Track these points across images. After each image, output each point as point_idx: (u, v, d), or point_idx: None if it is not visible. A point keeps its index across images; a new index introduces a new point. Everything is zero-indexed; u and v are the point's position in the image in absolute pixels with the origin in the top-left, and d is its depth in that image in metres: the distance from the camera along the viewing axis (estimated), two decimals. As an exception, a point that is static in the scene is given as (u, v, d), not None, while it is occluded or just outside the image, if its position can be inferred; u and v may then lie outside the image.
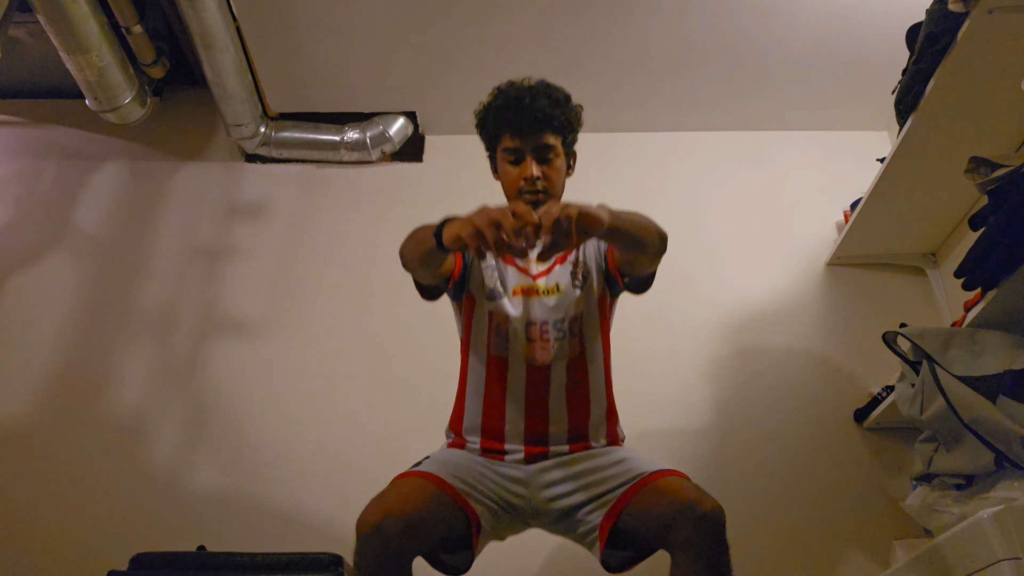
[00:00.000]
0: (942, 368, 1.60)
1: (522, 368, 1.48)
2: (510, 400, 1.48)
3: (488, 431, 1.48)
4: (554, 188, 1.54)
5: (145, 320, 2.54)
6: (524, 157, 1.53)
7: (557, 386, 1.48)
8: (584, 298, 1.53)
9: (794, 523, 2.17)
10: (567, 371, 1.49)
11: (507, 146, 1.55)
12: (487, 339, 1.52)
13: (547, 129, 1.52)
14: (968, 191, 2.06)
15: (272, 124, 2.82)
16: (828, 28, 2.44)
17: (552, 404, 1.47)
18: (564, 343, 1.49)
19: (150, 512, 2.22)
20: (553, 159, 1.54)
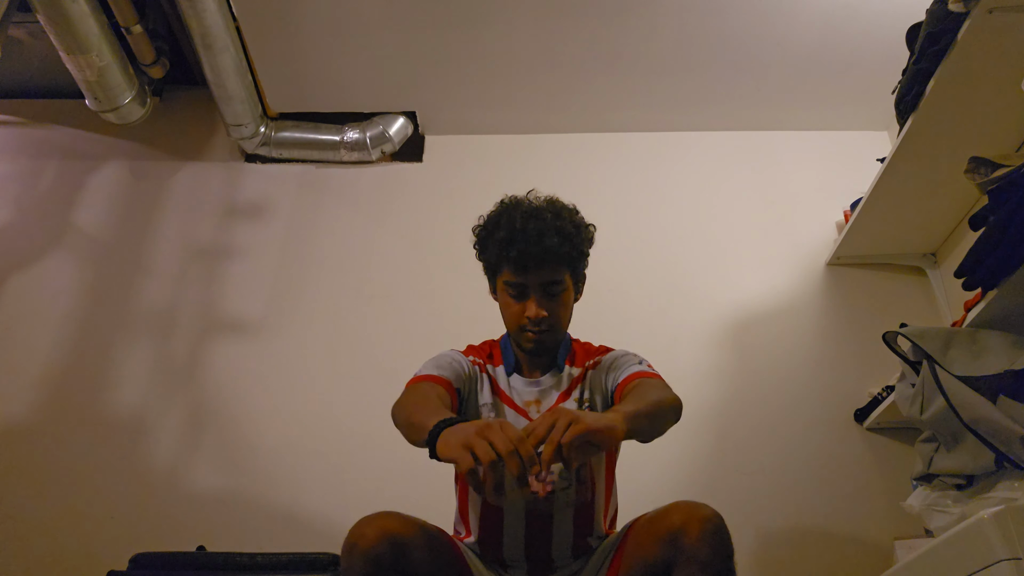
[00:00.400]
0: (942, 368, 1.60)
1: (521, 520, 1.39)
2: (508, 546, 1.41)
3: (490, 558, 1.44)
4: (559, 324, 1.45)
5: (145, 320, 2.54)
6: (528, 294, 1.42)
7: (562, 534, 1.40)
8: None
9: (794, 523, 2.17)
10: (574, 521, 1.40)
11: (509, 280, 1.43)
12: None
13: (555, 267, 1.41)
14: (968, 191, 2.06)
15: (272, 124, 2.82)
16: (828, 28, 2.44)
17: (555, 549, 1.40)
18: (571, 492, 1.39)
19: (150, 512, 2.22)
20: (560, 293, 1.43)
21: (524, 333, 1.43)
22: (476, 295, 2.03)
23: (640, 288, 2.54)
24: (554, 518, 1.39)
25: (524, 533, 1.40)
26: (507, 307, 1.46)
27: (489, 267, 1.51)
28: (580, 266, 1.48)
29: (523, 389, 1.48)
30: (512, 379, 1.50)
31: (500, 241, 1.42)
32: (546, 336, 1.43)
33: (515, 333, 1.46)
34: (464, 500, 1.49)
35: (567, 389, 1.48)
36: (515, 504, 1.39)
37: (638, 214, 2.67)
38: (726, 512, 1.21)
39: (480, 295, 1.93)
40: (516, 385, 1.50)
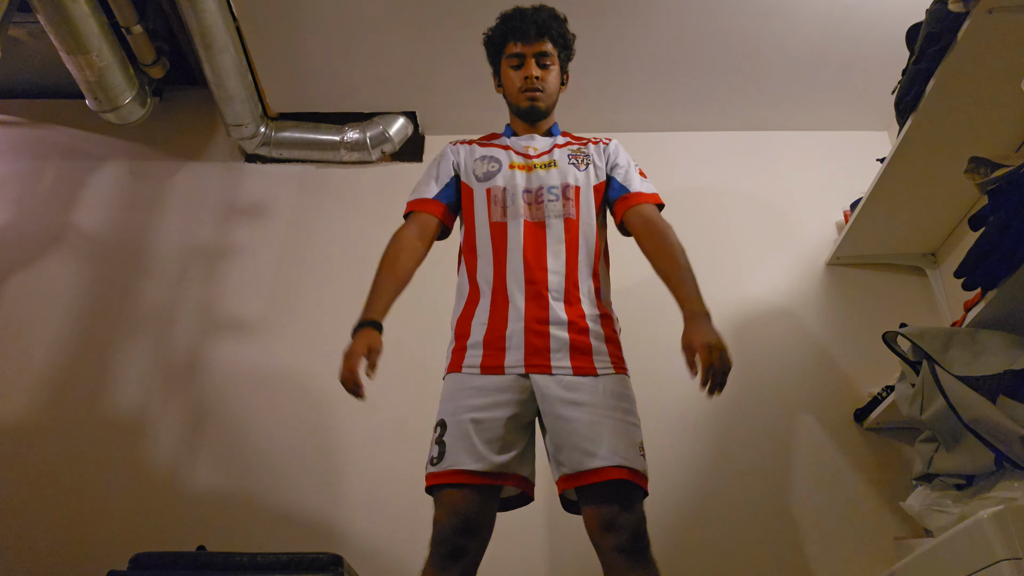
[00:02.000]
0: (942, 368, 1.60)
1: (520, 227, 1.59)
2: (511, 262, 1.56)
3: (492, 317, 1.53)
4: (549, 90, 1.73)
5: (145, 320, 2.54)
6: (525, 61, 1.70)
7: (555, 242, 1.59)
8: (582, 177, 1.67)
9: (794, 523, 2.17)
10: (564, 231, 1.60)
11: (511, 52, 1.72)
12: (487, 212, 1.64)
13: (546, 36, 1.70)
14: (968, 191, 2.06)
15: (272, 124, 2.82)
16: (828, 28, 2.44)
17: (550, 262, 1.56)
18: (557, 204, 1.62)
19: (150, 512, 2.22)
20: (550, 66, 1.72)
21: (522, 94, 1.71)
22: (476, 295, 2.04)
23: (640, 288, 2.54)
24: (547, 228, 1.60)
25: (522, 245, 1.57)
26: (508, 78, 1.74)
27: (496, 52, 1.78)
28: (565, 54, 1.77)
29: (522, 142, 1.75)
30: (511, 140, 1.77)
31: (505, 17, 1.75)
32: (540, 97, 1.71)
33: (515, 97, 1.73)
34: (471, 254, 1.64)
35: (562, 144, 1.74)
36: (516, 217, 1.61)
37: (638, 214, 2.67)
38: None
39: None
40: (515, 141, 1.76)
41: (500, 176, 1.67)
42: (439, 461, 1.41)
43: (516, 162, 1.69)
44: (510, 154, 1.71)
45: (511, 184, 1.65)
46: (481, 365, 1.49)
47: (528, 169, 1.68)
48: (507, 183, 1.66)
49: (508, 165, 1.69)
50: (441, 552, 1.35)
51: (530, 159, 1.70)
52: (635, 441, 1.43)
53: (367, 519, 2.18)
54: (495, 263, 1.59)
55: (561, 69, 1.77)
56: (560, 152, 1.71)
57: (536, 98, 1.71)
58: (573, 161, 1.70)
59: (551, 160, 1.69)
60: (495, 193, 1.65)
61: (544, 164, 1.69)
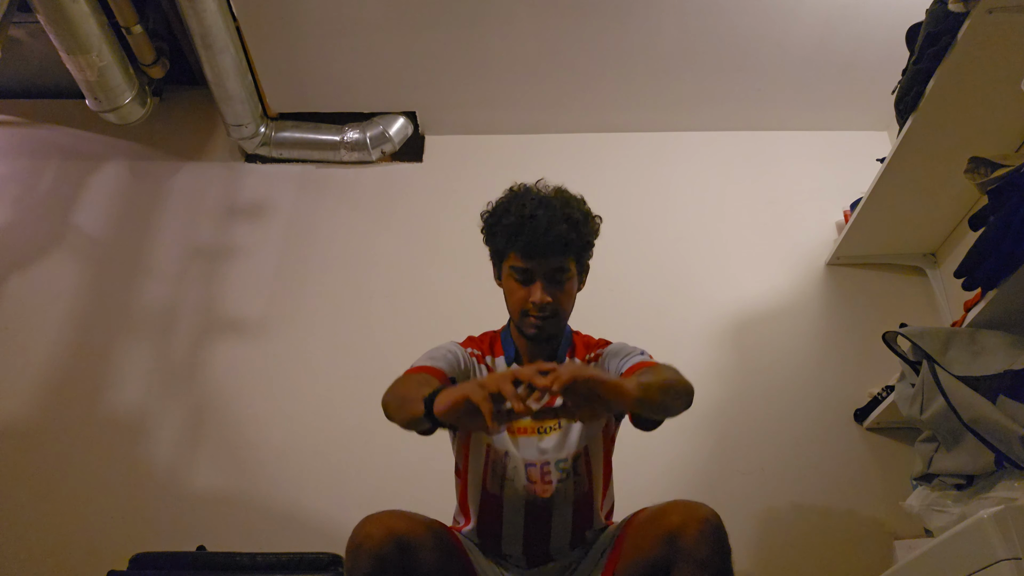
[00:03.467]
0: (942, 368, 1.60)
1: (520, 512, 1.41)
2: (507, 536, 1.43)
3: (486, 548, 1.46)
4: (563, 311, 1.47)
5: (145, 320, 2.54)
6: (534, 280, 1.43)
7: (560, 526, 1.42)
8: (589, 432, 1.45)
9: (794, 523, 2.17)
10: (573, 513, 1.42)
11: (515, 265, 1.45)
12: (482, 475, 1.45)
13: (562, 255, 1.43)
14: (968, 191, 2.06)
15: (272, 124, 2.82)
16: (828, 28, 2.44)
17: (553, 541, 1.43)
18: (569, 484, 1.41)
19: (150, 512, 2.22)
20: (565, 282, 1.45)
21: (527, 319, 1.45)
22: (476, 294, 2.04)
23: (640, 288, 2.54)
24: (553, 512, 1.41)
25: (523, 525, 1.41)
26: (512, 292, 1.47)
27: (496, 252, 1.52)
28: (585, 255, 1.50)
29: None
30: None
31: (509, 227, 1.43)
32: (549, 323, 1.44)
33: (518, 319, 1.48)
34: (464, 492, 1.50)
35: None
36: (515, 496, 1.41)
37: (638, 214, 2.67)
38: (726, 512, 1.21)
39: (480, 295, 1.94)
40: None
41: (502, 438, 1.43)
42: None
43: (517, 424, 1.44)
44: None
45: (512, 454, 1.42)
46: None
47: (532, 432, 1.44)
48: (509, 451, 1.42)
49: (508, 429, 1.44)
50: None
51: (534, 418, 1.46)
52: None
53: (367, 519, 2.18)
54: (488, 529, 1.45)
55: (580, 271, 1.50)
56: None
57: (544, 327, 1.44)
58: None
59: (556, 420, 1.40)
60: (495, 458, 1.43)
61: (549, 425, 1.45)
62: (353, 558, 1.16)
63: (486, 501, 1.44)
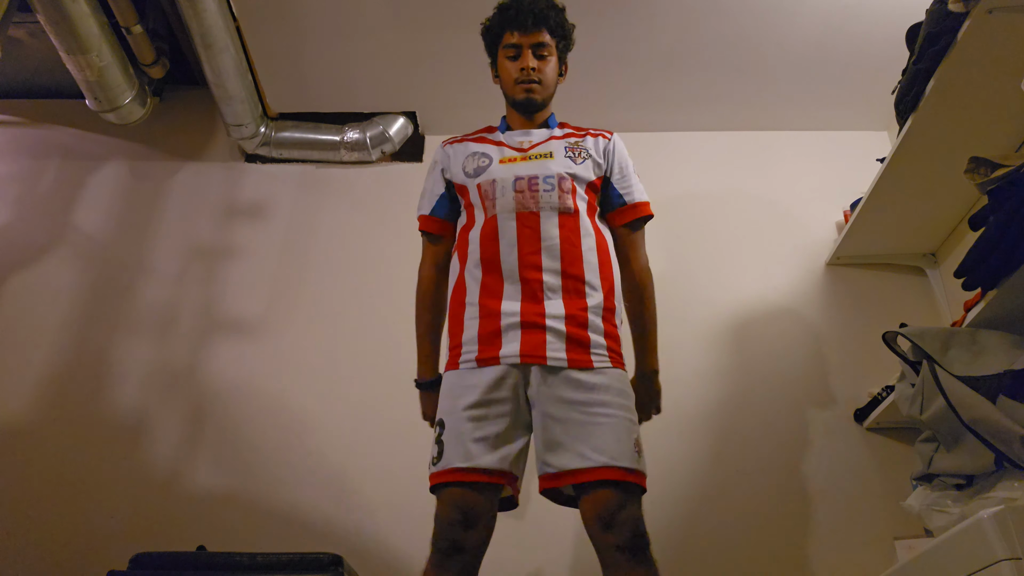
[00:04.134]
0: (942, 368, 1.60)
1: (512, 219, 1.56)
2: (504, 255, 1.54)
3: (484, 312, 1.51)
4: (547, 81, 1.70)
5: (145, 320, 2.54)
6: (522, 52, 1.68)
7: (549, 237, 1.55)
8: (579, 170, 1.64)
9: (794, 523, 2.17)
10: (560, 226, 1.56)
11: (508, 42, 1.70)
12: (480, 208, 1.62)
13: (543, 26, 1.68)
14: (968, 191, 2.06)
15: (272, 124, 2.82)
16: (828, 28, 2.44)
17: (545, 256, 1.53)
18: (553, 195, 1.58)
19: (150, 512, 2.22)
20: (547, 56, 1.70)
21: (518, 86, 1.68)
22: (476, 295, 2.03)
23: (640, 288, 2.54)
24: (541, 218, 1.57)
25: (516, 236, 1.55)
26: (505, 69, 1.71)
27: (493, 43, 1.75)
28: (563, 43, 1.74)
29: (516, 137, 1.72)
30: (506, 135, 1.74)
31: (502, 7, 1.71)
32: (536, 89, 1.68)
33: (511, 89, 1.70)
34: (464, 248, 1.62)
35: (559, 135, 1.71)
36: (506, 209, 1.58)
37: (638, 214, 2.67)
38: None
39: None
40: (509, 136, 1.73)
41: (490, 170, 1.64)
42: (438, 460, 1.42)
43: (508, 156, 1.67)
44: (502, 149, 1.69)
45: (501, 178, 1.62)
46: (477, 358, 1.48)
47: (522, 160, 1.65)
48: (497, 177, 1.62)
49: (499, 160, 1.66)
50: (440, 548, 1.35)
51: (524, 151, 1.67)
52: (631, 438, 1.41)
53: (367, 519, 2.18)
54: (488, 260, 1.56)
55: (559, 60, 1.75)
56: (557, 144, 1.68)
57: (532, 90, 1.68)
58: (570, 154, 1.66)
59: (547, 151, 1.66)
60: (485, 188, 1.62)
61: (539, 155, 1.66)
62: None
63: (484, 228, 1.59)
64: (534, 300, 1.50)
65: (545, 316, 1.48)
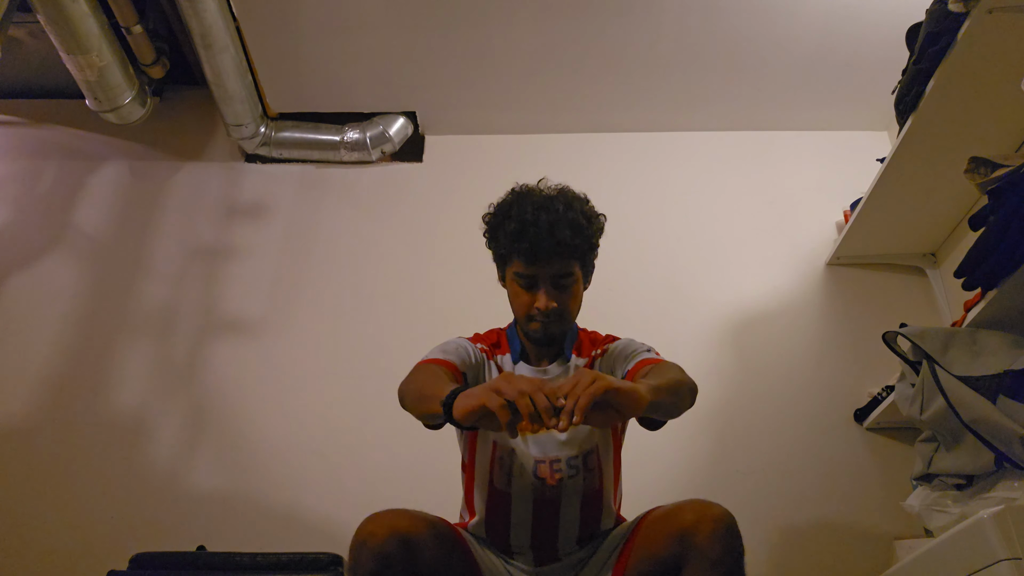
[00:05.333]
0: (942, 368, 1.60)
1: (528, 507, 1.40)
2: (515, 532, 1.42)
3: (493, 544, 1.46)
4: (568, 315, 1.45)
5: (145, 320, 2.54)
6: (538, 285, 1.41)
7: (568, 521, 1.41)
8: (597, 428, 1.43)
9: (794, 523, 2.17)
10: (581, 508, 1.41)
11: (519, 271, 1.43)
12: (489, 471, 1.43)
13: (566, 260, 1.41)
14: (968, 191, 2.06)
15: (272, 124, 2.82)
16: (828, 28, 2.44)
17: (562, 537, 1.42)
18: (579, 480, 1.41)
19: (150, 512, 2.22)
20: (571, 286, 1.43)
21: (532, 322, 1.43)
22: (477, 295, 2.04)
23: (640, 288, 2.54)
24: (561, 506, 1.40)
25: (531, 521, 1.40)
26: (516, 296, 1.45)
27: (499, 256, 1.50)
28: (590, 257, 1.49)
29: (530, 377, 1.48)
30: (518, 367, 1.50)
31: (511, 232, 1.41)
32: (554, 325, 1.43)
33: (523, 322, 1.46)
34: (471, 487, 1.49)
35: None
36: (523, 492, 1.40)
37: (638, 214, 2.67)
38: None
39: (481, 294, 1.94)
40: (523, 373, 1.49)
41: None
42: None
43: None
44: None
45: (521, 452, 1.41)
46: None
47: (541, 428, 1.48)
48: (515, 446, 1.41)
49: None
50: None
51: None
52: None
53: (367, 519, 2.18)
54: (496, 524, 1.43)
55: (586, 273, 1.49)
56: None
57: (550, 330, 1.43)
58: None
59: None
60: (501, 454, 1.42)
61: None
62: (356, 556, 1.17)
63: (493, 497, 1.43)
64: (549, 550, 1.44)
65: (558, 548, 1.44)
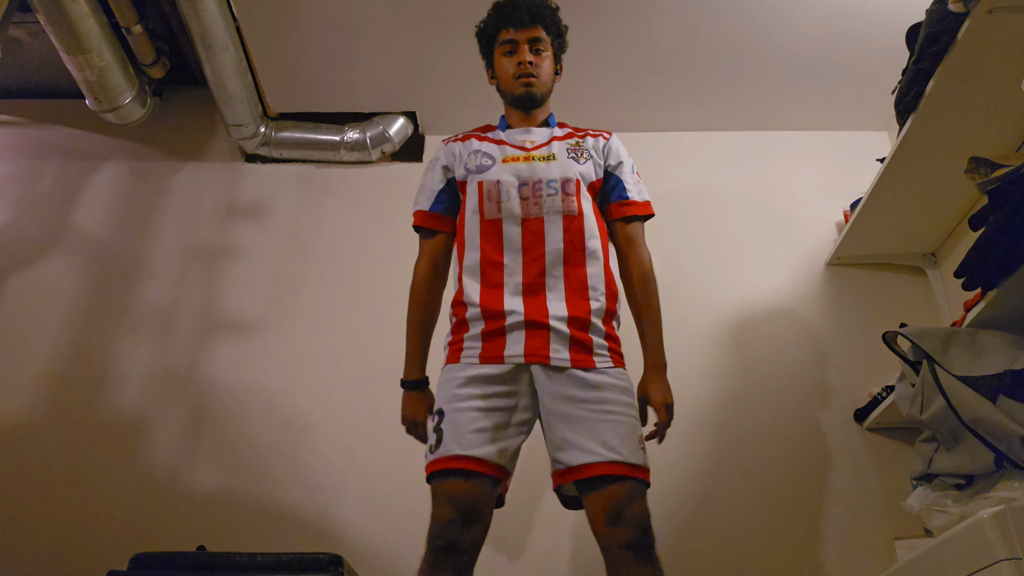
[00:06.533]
0: (942, 368, 1.60)
1: (516, 224, 1.57)
2: (508, 259, 1.55)
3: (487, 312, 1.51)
4: (544, 76, 1.71)
5: (145, 320, 2.54)
6: (518, 47, 1.69)
7: (553, 240, 1.55)
8: (582, 171, 1.65)
9: (794, 523, 2.17)
10: (564, 229, 1.56)
11: (504, 39, 1.71)
12: (479, 207, 1.61)
13: (539, 23, 1.70)
14: (968, 191, 2.06)
15: (272, 124, 2.82)
16: (828, 28, 2.44)
17: (549, 259, 1.54)
18: (557, 199, 1.58)
19: (150, 512, 2.22)
20: (543, 51, 1.71)
21: (516, 81, 1.69)
22: (476, 295, 2.03)
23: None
24: (545, 223, 1.57)
25: (520, 240, 1.56)
26: (502, 67, 1.72)
27: (488, 43, 1.76)
28: (557, 41, 1.75)
29: (517, 135, 1.71)
30: (506, 132, 1.74)
31: (497, 5, 1.74)
32: (534, 83, 1.69)
33: (509, 85, 1.71)
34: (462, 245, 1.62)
35: (561, 136, 1.71)
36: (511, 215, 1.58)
37: (638, 214, 2.67)
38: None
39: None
40: (510, 134, 1.72)
41: (493, 170, 1.64)
42: (436, 448, 1.41)
43: (511, 155, 1.66)
44: (504, 148, 1.68)
45: (505, 179, 1.61)
46: (480, 356, 1.48)
47: (525, 160, 1.64)
48: (501, 177, 1.62)
49: (502, 159, 1.65)
50: (435, 547, 1.34)
51: (527, 151, 1.66)
52: (634, 435, 1.43)
53: (367, 519, 2.18)
54: (490, 260, 1.56)
55: (555, 58, 1.76)
56: (559, 145, 1.68)
57: (531, 84, 1.69)
58: (572, 155, 1.66)
59: (549, 153, 1.66)
60: (488, 188, 1.61)
61: (542, 156, 1.65)
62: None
63: (485, 233, 1.58)
64: (537, 301, 1.51)
65: (549, 317, 1.49)
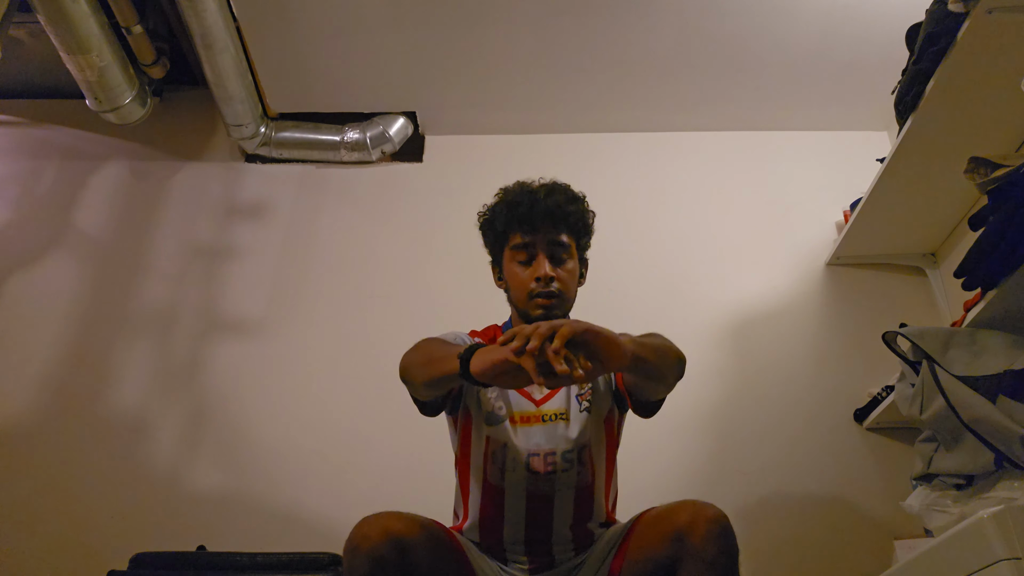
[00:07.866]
0: (942, 368, 1.60)
1: (522, 500, 1.39)
2: (509, 528, 1.41)
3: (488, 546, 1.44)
4: (568, 293, 1.45)
5: (145, 320, 2.54)
6: (536, 255, 1.43)
7: (562, 517, 1.40)
8: (592, 421, 1.44)
9: (794, 523, 2.17)
10: (575, 502, 1.40)
11: (516, 243, 1.44)
12: (483, 466, 1.43)
13: (562, 226, 1.43)
14: (968, 191, 2.06)
15: (272, 124, 2.82)
16: (828, 28, 2.44)
17: (556, 533, 1.40)
18: (571, 473, 1.40)
19: (150, 512, 2.22)
20: (567, 260, 1.44)
21: (534, 300, 1.42)
22: (476, 294, 2.03)
23: (640, 288, 2.54)
24: (555, 499, 1.40)
25: (524, 515, 1.40)
26: (515, 276, 1.45)
27: (496, 241, 1.51)
28: (584, 239, 1.51)
29: None
30: None
31: (509, 204, 1.45)
32: (555, 304, 1.42)
33: (524, 303, 1.44)
34: (465, 483, 1.49)
35: None
36: (516, 486, 1.40)
37: (638, 214, 2.67)
38: (726, 512, 1.21)
39: (480, 295, 1.93)
40: None
41: (503, 428, 1.42)
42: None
43: (522, 412, 1.43)
44: (519, 398, 1.44)
45: (513, 446, 1.40)
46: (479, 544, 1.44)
47: (536, 422, 1.42)
48: (509, 442, 1.40)
49: (510, 419, 1.42)
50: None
51: (536, 403, 1.44)
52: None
53: (367, 519, 2.18)
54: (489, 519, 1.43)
55: (580, 260, 1.50)
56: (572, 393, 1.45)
57: (552, 306, 1.41)
58: (584, 403, 1.44)
59: (560, 409, 1.43)
60: (494, 448, 1.42)
61: (553, 413, 1.43)
62: (350, 559, 1.16)
63: (487, 492, 1.43)
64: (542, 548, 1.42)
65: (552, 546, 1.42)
